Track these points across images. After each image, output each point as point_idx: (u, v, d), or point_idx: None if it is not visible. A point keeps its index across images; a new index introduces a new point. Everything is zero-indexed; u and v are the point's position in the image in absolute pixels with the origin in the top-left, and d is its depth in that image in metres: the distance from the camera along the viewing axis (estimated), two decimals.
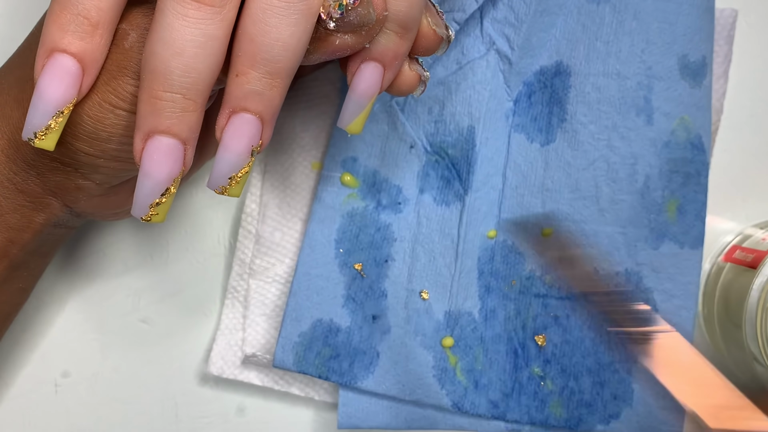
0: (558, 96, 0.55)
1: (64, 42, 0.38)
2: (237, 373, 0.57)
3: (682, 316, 0.54)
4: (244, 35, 0.37)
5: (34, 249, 0.49)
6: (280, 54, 0.37)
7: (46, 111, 0.38)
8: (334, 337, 0.54)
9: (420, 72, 0.45)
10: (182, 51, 0.36)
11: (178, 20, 0.36)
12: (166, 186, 0.39)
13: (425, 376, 0.54)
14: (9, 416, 0.58)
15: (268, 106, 0.39)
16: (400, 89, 0.44)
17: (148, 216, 0.40)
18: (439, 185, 0.55)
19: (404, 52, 0.42)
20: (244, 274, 0.57)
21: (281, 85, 0.39)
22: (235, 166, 0.39)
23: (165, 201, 0.40)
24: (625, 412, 0.53)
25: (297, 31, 0.37)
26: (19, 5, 0.60)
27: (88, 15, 0.38)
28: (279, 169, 0.57)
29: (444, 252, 0.55)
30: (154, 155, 0.38)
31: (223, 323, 0.57)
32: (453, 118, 0.55)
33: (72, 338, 0.59)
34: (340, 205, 0.56)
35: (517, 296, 0.55)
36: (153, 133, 0.38)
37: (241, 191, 0.41)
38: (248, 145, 0.39)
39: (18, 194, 0.46)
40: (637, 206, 0.54)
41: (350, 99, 0.43)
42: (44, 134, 0.39)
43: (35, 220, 0.47)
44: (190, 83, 0.37)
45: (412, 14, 0.41)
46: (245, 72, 0.38)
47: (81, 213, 0.48)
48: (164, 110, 0.37)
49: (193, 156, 0.40)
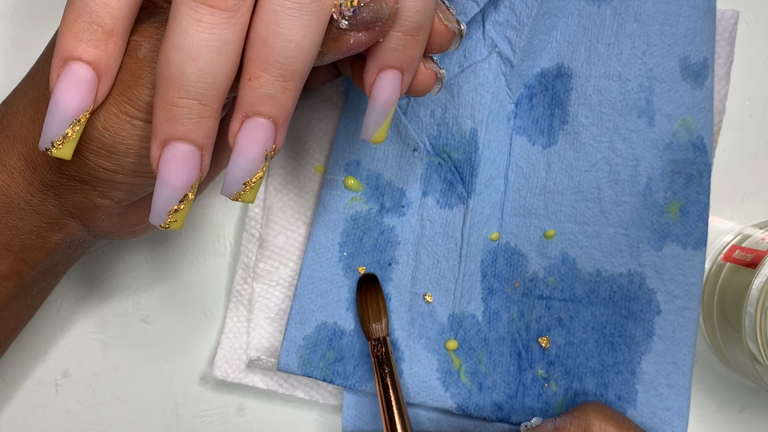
0: (559, 98, 0.55)
1: (79, 50, 0.38)
2: (242, 377, 0.57)
3: (685, 316, 0.54)
4: (256, 38, 0.37)
5: (47, 268, 0.48)
6: (293, 56, 0.37)
7: (62, 120, 0.38)
8: (339, 340, 0.54)
9: (436, 70, 0.44)
10: (197, 56, 0.36)
11: (192, 26, 0.36)
12: (183, 192, 0.39)
13: (429, 379, 0.54)
14: (9, 416, 0.58)
15: (281, 110, 0.38)
16: (417, 89, 0.44)
17: (167, 223, 0.40)
18: (442, 188, 0.55)
19: (420, 54, 0.42)
20: (248, 278, 0.57)
21: (294, 87, 0.38)
22: (250, 172, 0.39)
23: (183, 208, 0.39)
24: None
25: (310, 32, 0.37)
26: (19, 5, 0.60)
27: (102, 23, 0.38)
28: (282, 173, 0.57)
29: (447, 255, 0.55)
30: (171, 162, 0.38)
31: (228, 327, 0.57)
32: (455, 120, 0.55)
33: (72, 338, 0.59)
34: (343, 208, 0.56)
35: (520, 298, 0.55)
36: (170, 140, 0.38)
37: (255, 197, 0.40)
38: (262, 149, 0.39)
39: (34, 215, 0.46)
40: (639, 207, 0.54)
41: (372, 110, 0.42)
42: (61, 143, 0.39)
43: (50, 239, 0.47)
44: (206, 89, 0.37)
45: (426, 12, 0.40)
46: (258, 75, 0.37)
47: (99, 233, 0.48)
48: (180, 117, 0.37)
49: (209, 163, 0.40)
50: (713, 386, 0.59)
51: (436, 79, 0.44)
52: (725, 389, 0.59)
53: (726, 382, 0.59)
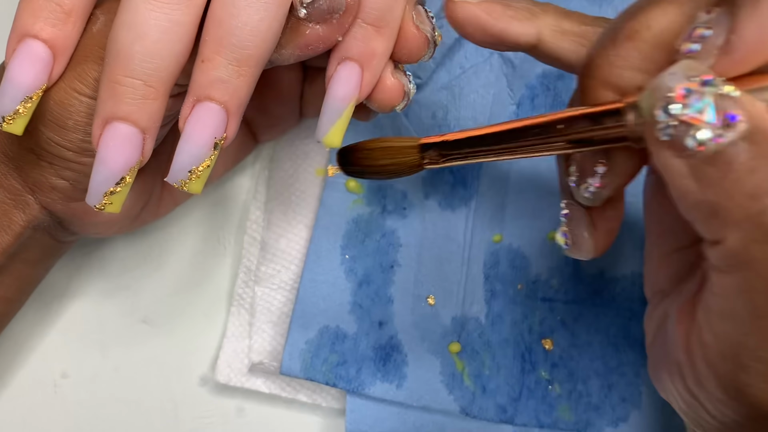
0: (561, 99, 0.55)
1: (36, 28, 0.38)
2: (244, 381, 0.56)
3: None
4: (212, 19, 0.37)
5: (15, 253, 0.48)
6: (249, 39, 0.36)
7: (15, 96, 0.38)
8: (341, 343, 0.54)
9: (404, 83, 0.43)
10: (145, 35, 0.36)
11: (143, 3, 0.36)
12: (121, 175, 0.38)
13: (433, 382, 0.54)
14: (9, 416, 0.58)
15: (234, 96, 0.38)
16: (381, 99, 0.42)
17: (102, 205, 0.39)
18: (444, 190, 0.55)
19: (383, 51, 0.41)
20: (249, 282, 0.57)
21: (249, 74, 0.37)
22: (196, 159, 0.38)
23: (120, 190, 0.39)
24: (634, 414, 0.54)
25: (267, 16, 0.36)
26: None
27: (61, 2, 0.38)
28: (283, 175, 0.57)
29: (450, 257, 0.55)
30: (111, 142, 0.37)
31: (230, 330, 0.57)
32: (457, 122, 0.54)
33: (72, 338, 0.58)
34: (345, 211, 0.55)
35: (523, 300, 0.55)
36: (111, 120, 0.37)
37: (202, 187, 0.39)
38: (211, 136, 0.38)
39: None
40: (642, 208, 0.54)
41: (326, 104, 0.41)
42: (12, 119, 0.39)
43: (15, 220, 0.46)
44: (152, 69, 0.36)
45: (388, 4, 0.40)
46: (211, 58, 0.37)
47: (62, 220, 0.48)
48: (124, 96, 0.37)
49: (153, 147, 0.39)
50: None
51: (403, 93, 0.43)
52: None
53: None
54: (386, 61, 0.42)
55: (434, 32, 0.42)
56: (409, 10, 0.41)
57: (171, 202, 0.53)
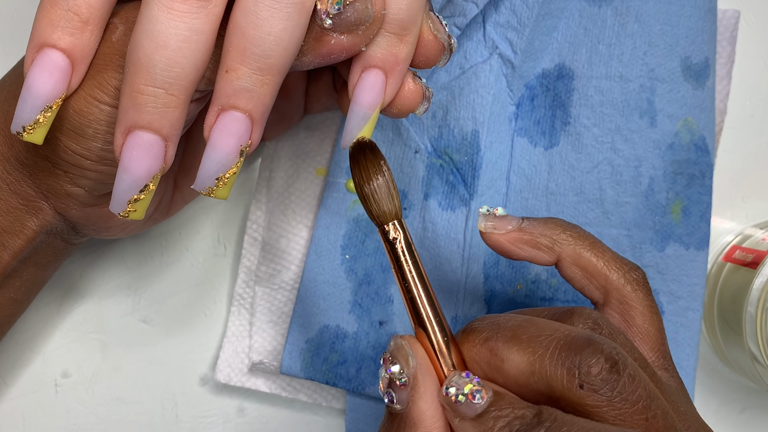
0: (561, 99, 0.55)
1: (54, 37, 0.38)
2: (244, 380, 0.56)
3: (688, 317, 0.54)
4: (234, 29, 0.37)
5: (27, 257, 0.48)
6: (272, 49, 0.37)
7: (34, 105, 0.38)
8: (342, 343, 0.54)
9: (423, 87, 0.43)
10: (166, 44, 0.36)
11: (163, 13, 0.36)
12: (144, 182, 0.38)
13: None
14: (9, 416, 0.58)
15: (258, 104, 0.38)
16: (402, 104, 0.43)
17: (126, 212, 0.39)
18: (444, 190, 0.55)
19: (406, 57, 0.41)
20: (250, 281, 0.57)
21: (272, 82, 0.38)
22: (223, 167, 0.39)
23: (143, 198, 0.39)
24: None
25: (290, 25, 0.37)
26: (19, 5, 0.59)
27: (78, 11, 0.38)
28: (284, 176, 0.57)
29: (450, 257, 0.55)
30: (134, 151, 0.38)
31: (230, 330, 0.57)
32: (457, 122, 0.54)
33: (72, 338, 0.58)
34: (345, 211, 0.55)
35: (523, 300, 0.55)
36: (133, 128, 0.37)
37: (229, 193, 0.39)
38: (237, 144, 0.38)
39: (11, 195, 0.46)
40: (641, 208, 0.54)
41: (352, 111, 0.41)
42: (32, 128, 0.39)
43: (28, 225, 0.46)
44: (174, 78, 0.37)
45: (411, 13, 0.40)
46: (235, 68, 0.37)
47: (76, 225, 0.48)
48: (146, 105, 0.37)
49: (174, 154, 0.39)
50: (713, 386, 0.59)
51: (423, 96, 0.43)
52: (725, 389, 0.59)
53: (726, 382, 0.59)
54: (408, 67, 0.42)
55: (450, 39, 0.43)
56: (425, 18, 0.41)
57: (181, 201, 0.54)
